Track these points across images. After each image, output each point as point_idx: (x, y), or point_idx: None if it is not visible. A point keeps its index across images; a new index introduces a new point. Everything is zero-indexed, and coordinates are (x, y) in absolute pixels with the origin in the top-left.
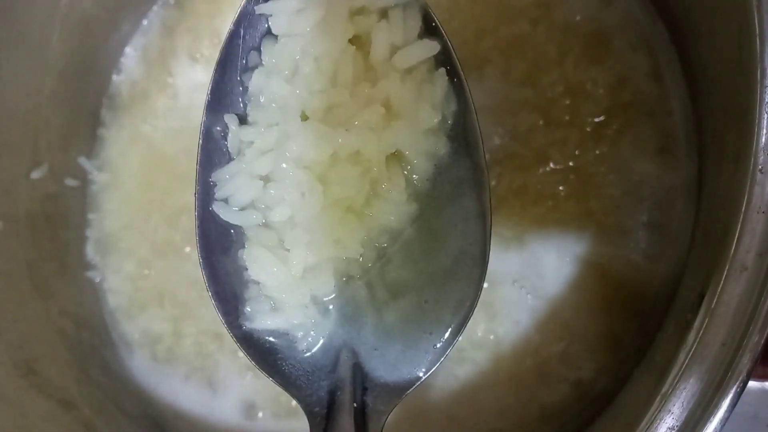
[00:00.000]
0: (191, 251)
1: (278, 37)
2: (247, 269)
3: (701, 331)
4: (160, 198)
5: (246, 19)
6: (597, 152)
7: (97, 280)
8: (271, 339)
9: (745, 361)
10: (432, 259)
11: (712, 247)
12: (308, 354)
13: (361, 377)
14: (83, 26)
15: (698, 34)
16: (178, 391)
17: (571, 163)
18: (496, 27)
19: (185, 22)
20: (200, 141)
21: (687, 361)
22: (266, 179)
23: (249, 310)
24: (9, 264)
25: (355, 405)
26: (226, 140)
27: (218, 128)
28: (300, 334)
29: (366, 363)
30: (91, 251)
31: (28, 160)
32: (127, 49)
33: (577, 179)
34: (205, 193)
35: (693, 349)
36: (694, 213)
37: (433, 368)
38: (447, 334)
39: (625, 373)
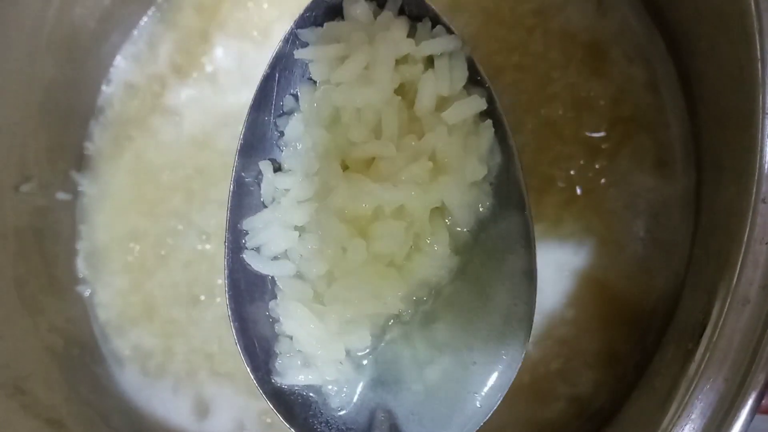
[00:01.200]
0: (181, 265)
1: (317, 83)
2: (277, 321)
3: (703, 365)
4: (149, 211)
5: (281, 62)
6: (595, 166)
7: (87, 294)
8: (303, 395)
9: (749, 401)
10: (475, 317)
11: (712, 269)
12: (342, 412)
13: None
14: (71, 37)
15: (696, 45)
16: (168, 408)
17: (569, 178)
18: (491, 34)
19: (176, 32)
20: (231, 186)
21: (689, 396)
22: (301, 229)
23: (280, 363)
24: None
25: None
26: (258, 186)
27: (251, 173)
28: (333, 390)
29: (404, 425)
30: (80, 266)
31: (15, 174)
32: (117, 60)
33: (576, 193)
34: (235, 241)
35: (694, 384)
36: (693, 227)
37: (475, 429)
38: (491, 396)
39: (622, 389)
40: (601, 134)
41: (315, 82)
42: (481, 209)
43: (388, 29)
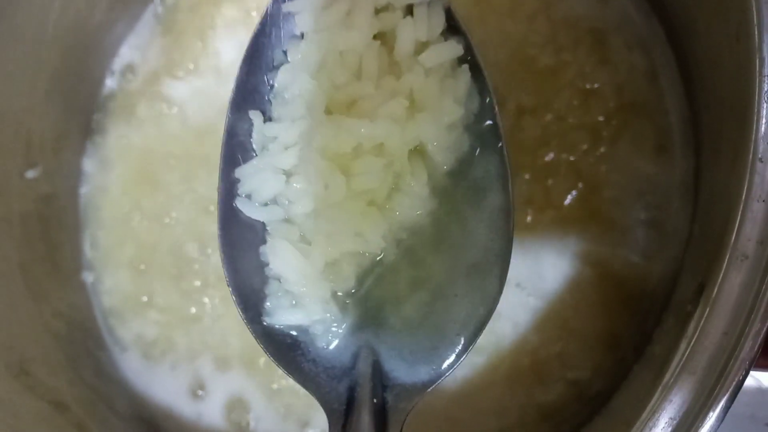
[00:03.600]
0: (186, 251)
1: (304, 35)
2: (267, 265)
3: (702, 321)
4: (153, 199)
5: (272, 19)
6: (596, 152)
7: (90, 281)
8: (292, 335)
9: (747, 350)
10: (455, 254)
11: (710, 239)
12: (328, 350)
13: (380, 375)
14: (77, 26)
15: (695, 30)
16: (171, 392)
17: (570, 163)
18: (491, 22)
19: (180, 22)
20: (224, 137)
21: (688, 351)
22: (289, 174)
23: (269, 305)
24: (1, 265)
25: (374, 401)
26: (250, 137)
27: (242, 125)
28: (320, 330)
29: (386, 361)
30: (84, 252)
31: (21, 161)
32: (122, 50)
33: (578, 179)
34: (228, 190)
35: (694, 339)
36: (691, 211)
37: (457, 364)
38: (472, 329)
39: (622, 372)
40: (602, 120)
41: (302, 36)
42: (460, 152)
43: None
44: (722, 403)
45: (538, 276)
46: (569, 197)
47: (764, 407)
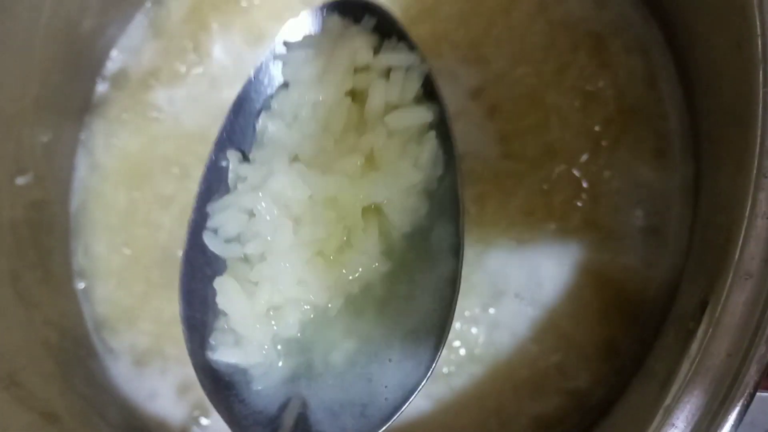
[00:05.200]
0: (178, 258)
1: (288, 85)
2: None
3: (705, 341)
4: (145, 207)
5: (264, 69)
6: (595, 158)
7: (82, 288)
8: (229, 373)
9: (752, 373)
10: (399, 318)
11: (712, 253)
12: (260, 395)
13: (303, 428)
14: (68, 30)
15: (694, 35)
16: (163, 402)
17: (569, 171)
18: (489, 25)
19: (172, 26)
20: (204, 172)
21: (691, 372)
22: (251, 214)
23: (213, 341)
24: None
25: None
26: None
27: (224, 163)
28: (257, 373)
29: (312, 415)
30: (75, 260)
31: (11, 167)
32: (114, 54)
33: (576, 186)
34: (198, 222)
35: (697, 360)
36: (691, 217)
37: (383, 428)
38: (401, 395)
39: (621, 382)
40: (600, 126)
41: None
42: (417, 217)
43: (351, 39)
44: (727, 428)
45: (537, 285)
46: (567, 205)
47: (764, 414)
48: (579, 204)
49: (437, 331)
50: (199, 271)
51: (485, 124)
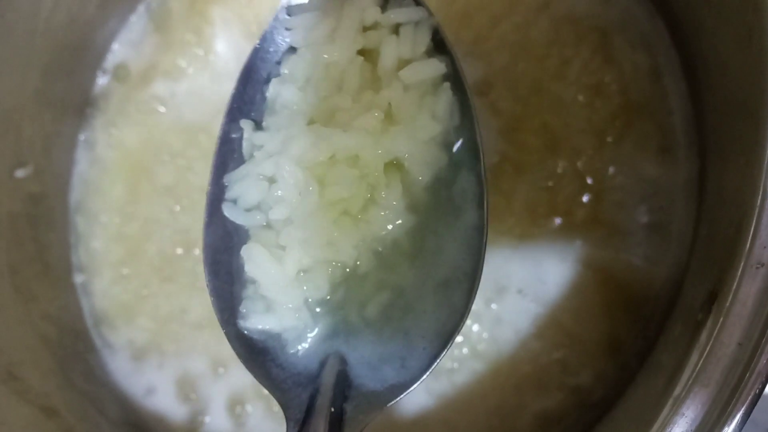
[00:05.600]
0: (177, 253)
1: (297, 50)
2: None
3: (716, 331)
4: (146, 199)
5: (271, 35)
6: (599, 154)
7: (80, 282)
8: (263, 339)
9: (764, 362)
10: (429, 270)
11: (720, 245)
12: (297, 357)
13: (344, 384)
14: (68, 23)
15: (700, 29)
16: (161, 397)
17: (573, 167)
18: (492, 23)
19: (173, 19)
20: (217, 145)
21: (701, 362)
22: (271, 181)
23: (244, 309)
24: None
25: (332, 410)
26: (241, 145)
27: (235, 134)
28: (291, 336)
29: (351, 370)
30: (74, 254)
31: (10, 159)
32: (114, 47)
33: (580, 182)
34: (216, 195)
35: (707, 350)
36: (696, 213)
37: (420, 380)
38: (439, 343)
39: (624, 379)
40: (605, 121)
41: (296, 50)
42: (438, 168)
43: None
44: (738, 418)
45: (540, 281)
46: (570, 201)
47: (765, 412)
48: (583, 200)
49: (469, 277)
50: (221, 242)
51: (489, 119)
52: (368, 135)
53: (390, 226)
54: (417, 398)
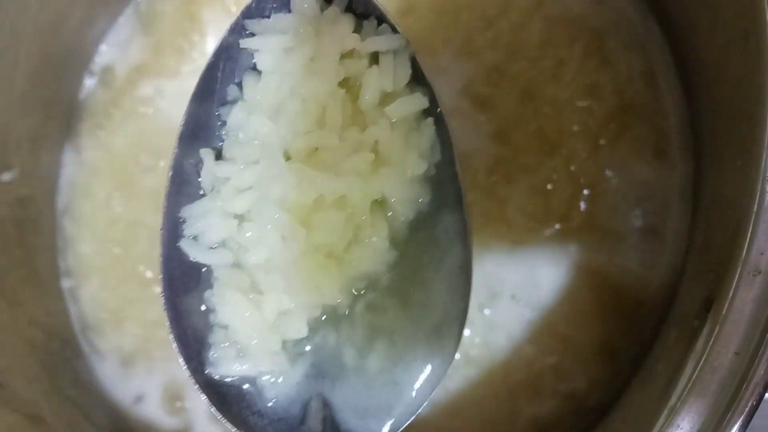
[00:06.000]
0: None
1: (262, 73)
2: (213, 311)
3: (712, 339)
4: (134, 203)
5: (226, 52)
6: (593, 157)
7: (68, 287)
8: (237, 386)
9: (761, 372)
10: (411, 310)
11: (717, 251)
12: (275, 403)
13: (332, 430)
14: (55, 23)
15: (695, 31)
16: (149, 404)
17: (566, 170)
18: (485, 22)
19: (162, 21)
20: (170, 173)
21: (697, 371)
22: (241, 218)
23: (215, 355)
24: None
25: None
26: (198, 174)
27: (191, 161)
28: (269, 381)
29: (337, 415)
30: (61, 258)
31: None
32: (102, 48)
33: (574, 186)
34: (173, 229)
35: (703, 359)
36: (691, 217)
37: (408, 421)
38: (426, 387)
39: (619, 384)
40: (599, 124)
41: (259, 73)
42: (420, 204)
43: (334, 24)
44: (735, 429)
45: (533, 286)
46: (564, 204)
47: (764, 417)
48: (577, 204)
49: (456, 321)
50: (181, 283)
51: (480, 122)
52: (359, 177)
53: (374, 266)
54: None
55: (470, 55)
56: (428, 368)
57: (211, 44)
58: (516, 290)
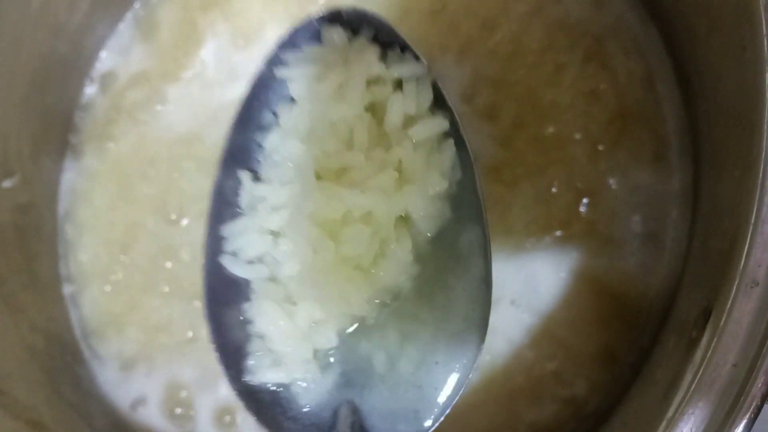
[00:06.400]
0: (166, 263)
1: (295, 101)
2: (250, 323)
3: (710, 351)
4: (135, 207)
5: (263, 82)
6: (592, 162)
7: (69, 293)
8: (272, 392)
9: (759, 385)
10: (438, 322)
11: (715, 259)
12: (308, 409)
13: None
14: (55, 30)
15: (694, 37)
16: (150, 409)
17: (566, 175)
18: (485, 28)
19: (162, 27)
20: (212, 194)
21: (695, 383)
22: (276, 234)
23: (252, 363)
24: None
25: None
26: (237, 195)
27: (231, 183)
28: (301, 388)
29: (365, 420)
30: (63, 264)
31: None
32: (102, 54)
33: (575, 191)
34: (214, 246)
35: (701, 370)
36: (690, 222)
37: (435, 425)
38: (451, 393)
39: (619, 390)
40: (598, 129)
41: (293, 100)
42: (442, 220)
43: (361, 53)
44: None
45: (534, 292)
46: (564, 210)
47: (763, 423)
48: (577, 209)
49: (477, 330)
50: (221, 296)
51: (481, 127)
52: (384, 194)
53: (399, 278)
54: None
55: (469, 60)
56: (453, 374)
57: (210, 50)
58: (516, 296)
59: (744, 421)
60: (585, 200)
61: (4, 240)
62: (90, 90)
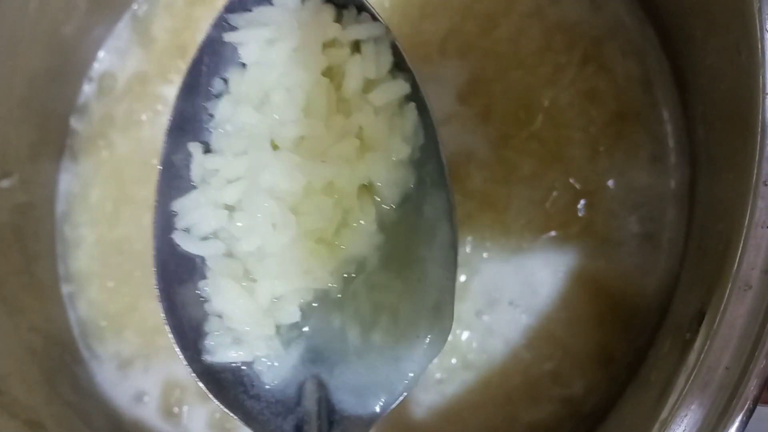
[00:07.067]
0: None
1: (246, 66)
2: (207, 301)
3: (703, 353)
4: (131, 211)
5: (210, 47)
6: (590, 163)
7: (68, 294)
8: (233, 371)
9: (752, 388)
10: (402, 290)
11: (709, 261)
12: (271, 386)
13: (327, 410)
14: (53, 30)
15: (691, 39)
16: (148, 409)
17: (563, 177)
18: (481, 30)
19: (160, 27)
20: (160, 168)
21: (688, 385)
22: (231, 208)
23: (211, 343)
24: None
25: None
26: (188, 168)
27: (180, 156)
28: (263, 366)
29: (332, 395)
30: (61, 264)
31: None
32: (100, 55)
33: (573, 193)
34: (165, 222)
35: (695, 373)
36: (686, 223)
37: (401, 398)
38: (422, 364)
39: (615, 390)
40: (596, 130)
41: (244, 65)
42: (407, 188)
43: (315, 14)
44: None
45: (531, 292)
46: (561, 211)
47: (761, 423)
48: (575, 210)
49: (449, 299)
50: (175, 274)
51: (478, 128)
52: (346, 163)
53: (363, 248)
54: (406, 409)
55: (468, 61)
56: (424, 344)
57: None
58: (514, 296)
59: (736, 423)
60: (582, 201)
61: (2, 241)
62: (88, 90)
